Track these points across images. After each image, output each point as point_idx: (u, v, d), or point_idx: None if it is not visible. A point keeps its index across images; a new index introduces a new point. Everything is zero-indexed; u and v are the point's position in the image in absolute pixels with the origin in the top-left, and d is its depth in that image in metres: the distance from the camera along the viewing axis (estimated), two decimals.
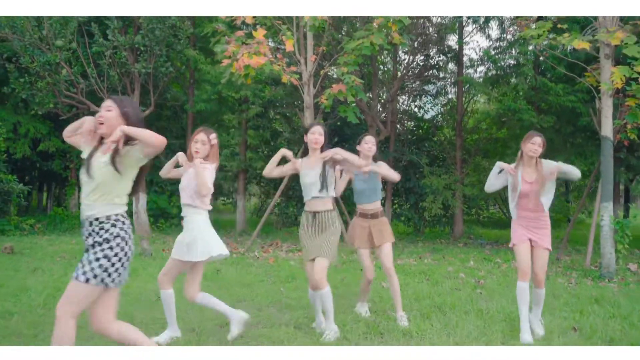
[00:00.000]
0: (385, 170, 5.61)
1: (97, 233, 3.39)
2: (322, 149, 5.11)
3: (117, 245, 3.38)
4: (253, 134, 16.83)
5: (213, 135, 4.78)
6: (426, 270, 8.95)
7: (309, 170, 5.06)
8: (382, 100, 16.20)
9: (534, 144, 5.14)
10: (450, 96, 18.51)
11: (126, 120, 3.38)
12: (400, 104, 17.78)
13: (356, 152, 5.49)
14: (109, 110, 3.39)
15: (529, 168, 5.24)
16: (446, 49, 16.27)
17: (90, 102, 14.26)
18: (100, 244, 3.36)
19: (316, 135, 5.05)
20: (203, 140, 4.72)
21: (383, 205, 15.84)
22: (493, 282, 8.07)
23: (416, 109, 18.53)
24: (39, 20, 13.16)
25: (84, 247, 3.43)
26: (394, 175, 5.62)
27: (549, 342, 4.93)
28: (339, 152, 5.02)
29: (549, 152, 15.70)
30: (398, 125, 17.30)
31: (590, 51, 8.94)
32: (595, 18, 9.11)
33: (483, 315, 5.87)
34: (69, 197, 17.73)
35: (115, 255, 3.35)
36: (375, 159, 5.70)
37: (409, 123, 18.44)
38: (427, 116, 18.64)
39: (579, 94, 12.60)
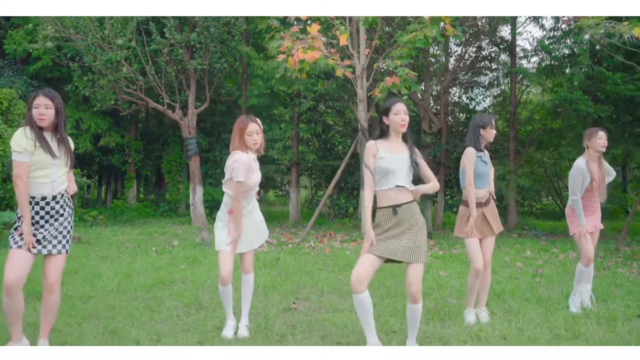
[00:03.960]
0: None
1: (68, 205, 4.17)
2: (405, 133, 4.36)
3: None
4: (305, 127, 16.99)
5: (259, 121, 4.71)
6: None
7: (392, 154, 4.18)
8: (434, 93, 16.17)
9: (601, 138, 5.54)
10: (502, 87, 18.30)
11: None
12: (451, 96, 17.69)
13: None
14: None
15: (594, 163, 5.60)
16: (498, 40, 16.09)
17: (148, 98, 14.73)
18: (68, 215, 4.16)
19: (401, 115, 4.19)
20: (257, 130, 4.60)
21: (436, 196, 15.94)
22: (551, 271, 8.04)
23: (467, 101, 18.39)
24: (100, 20, 13.66)
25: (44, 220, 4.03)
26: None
27: (613, 328, 4.95)
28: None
29: (608, 142, 15.50)
30: (450, 118, 17.21)
31: None
32: None
33: (544, 302, 5.90)
34: (128, 190, 18.32)
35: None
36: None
37: (460, 115, 18.31)
38: (478, 108, 18.47)
39: (638, 82, 12.36)
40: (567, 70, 14.65)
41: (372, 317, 4.16)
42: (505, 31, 16.21)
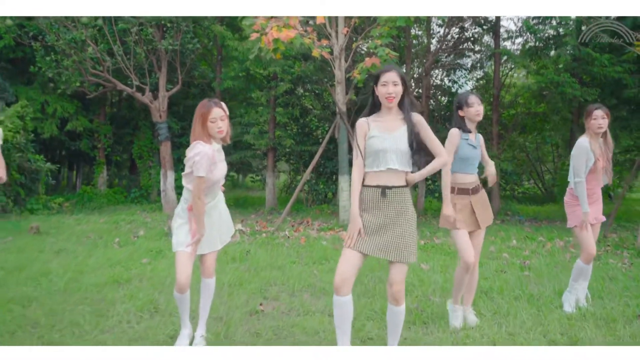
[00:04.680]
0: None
1: None
2: (403, 102, 3.64)
3: None
4: (282, 111, 16.33)
5: (224, 105, 4.00)
6: None
7: (384, 132, 3.56)
8: (416, 75, 15.61)
9: (596, 119, 4.95)
10: (485, 70, 17.80)
11: None
12: (433, 78, 17.15)
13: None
14: None
15: (596, 142, 5.01)
16: (482, 20, 15.54)
17: (116, 80, 13.98)
18: None
19: (389, 87, 3.53)
20: (222, 116, 3.90)
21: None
22: (540, 262, 7.57)
23: (450, 84, 17.87)
24: None
25: None
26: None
27: (613, 331, 4.46)
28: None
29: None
30: (432, 101, 16.68)
31: None
32: None
33: (535, 300, 5.41)
34: (97, 176, 17.58)
35: None
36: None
37: (442, 98, 17.78)
38: (461, 91, 17.98)
39: (626, 64, 11.95)
40: (553, 52, 14.19)
41: (350, 324, 3.62)
42: None
